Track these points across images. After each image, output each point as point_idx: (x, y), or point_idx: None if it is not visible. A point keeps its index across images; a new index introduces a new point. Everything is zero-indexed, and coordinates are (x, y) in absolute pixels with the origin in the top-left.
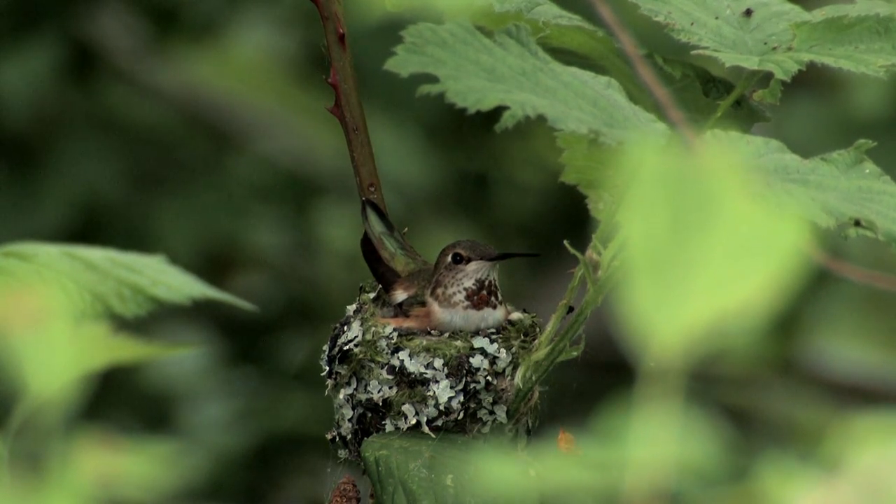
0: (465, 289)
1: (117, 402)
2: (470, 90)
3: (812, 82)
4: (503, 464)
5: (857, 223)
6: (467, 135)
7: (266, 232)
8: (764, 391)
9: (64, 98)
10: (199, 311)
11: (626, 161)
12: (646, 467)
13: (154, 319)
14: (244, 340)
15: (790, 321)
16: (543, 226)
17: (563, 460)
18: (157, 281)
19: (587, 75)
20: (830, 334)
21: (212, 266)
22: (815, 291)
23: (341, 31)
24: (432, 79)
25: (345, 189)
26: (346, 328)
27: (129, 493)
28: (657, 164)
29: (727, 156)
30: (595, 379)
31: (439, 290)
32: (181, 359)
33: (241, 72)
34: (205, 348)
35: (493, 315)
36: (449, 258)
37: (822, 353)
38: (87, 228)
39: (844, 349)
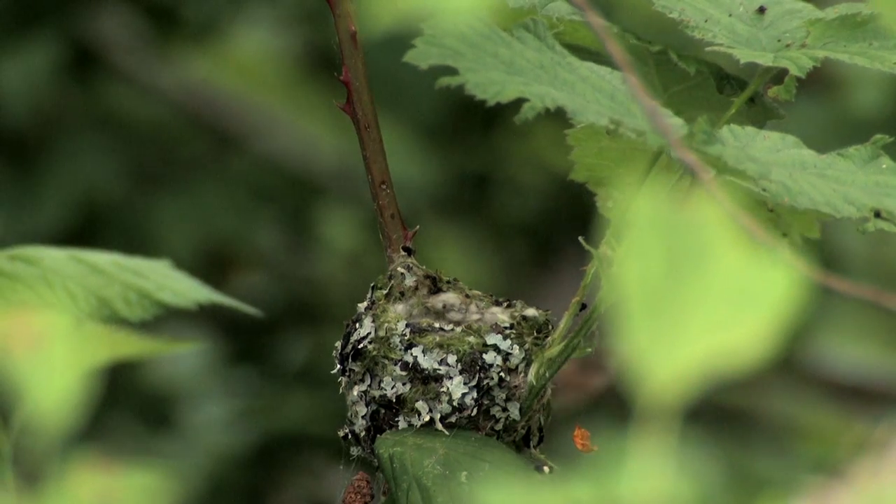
0: None
1: (117, 402)
2: (490, 82)
3: (812, 83)
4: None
5: (878, 214)
6: (468, 135)
7: (266, 232)
8: (764, 391)
9: (64, 97)
10: (200, 311)
11: (641, 158)
12: None
13: (155, 319)
14: (244, 340)
15: (792, 326)
16: (544, 226)
17: (565, 478)
18: (162, 285)
19: (604, 70)
20: (832, 334)
21: (212, 265)
22: (817, 295)
23: (353, 28)
24: (451, 71)
25: (346, 189)
26: (358, 325)
27: None
28: (652, 206)
29: (722, 202)
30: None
31: None
32: (181, 359)
33: (242, 71)
34: (205, 347)
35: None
36: None
37: (823, 352)
38: (88, 227)
39: (846, 349)
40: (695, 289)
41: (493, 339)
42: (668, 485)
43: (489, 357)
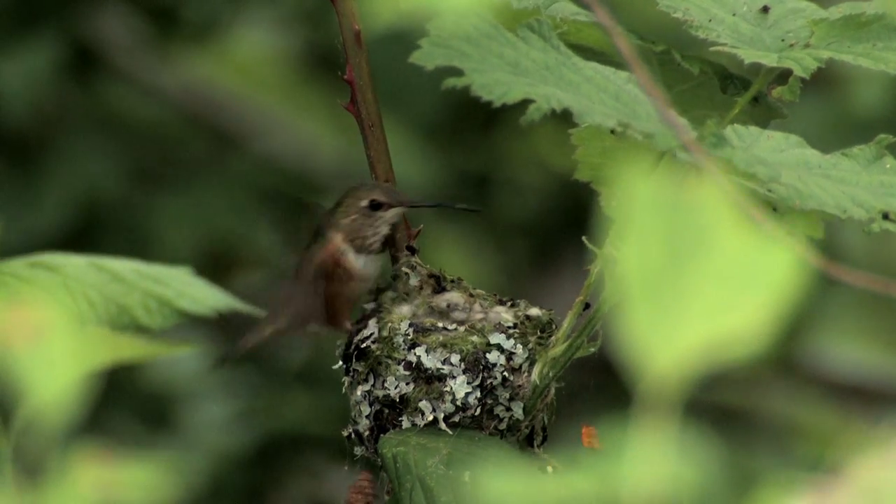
0: (383, 236)
1: (117, 402)
2: (496, 83)
3: (815, 80)
4: (514, 478)
5: (886, 216)
6: (468, 135)
7: (266, 231)
8: (764, 391)
9: (64, 97)
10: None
11: (646, 157)
12: (643, 490)
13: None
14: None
15: (792, 324)
16: (544, 226)
17: (567, 470)
18: (182, 293)
19: (609, 70)
20: (832, 334)
21: (212, 265)
22: (817, 293)
23: (357, 27)
24: (456, 72)
25: (346, 189)
26: (362, 325)
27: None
28: (653, 190)
29: (722, 184)
30: (610, 377)
31: (358, 241)
32: (181, 359)
33: (242, 71)
34: (205, 348)
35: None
36: (365, 204)
37: (823, 352)
38: (88, 227)
39: (846, 349)
40: (696, 272)
41: (496, 338)
42: (671, 469)
43: (492, 356)
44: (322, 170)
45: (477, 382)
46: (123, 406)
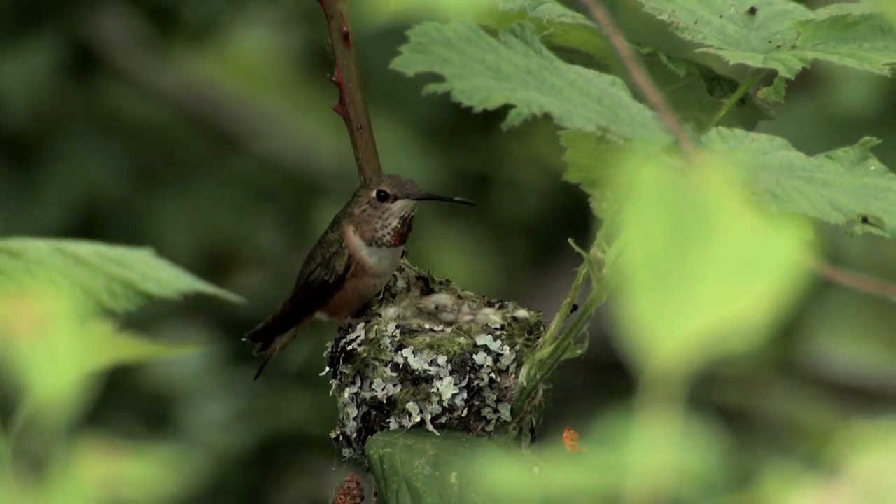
0: (392, 229)
1: (118, 402)
2: (476, 89)
3: (801, 80)
4: (507, 466)
5: (865, 220)
6: (468, 135)
7: (266, 232)
8: (764, 391)
9: (64, 97)
10: (200, 311)
11: (630, 159)
12: (646, 475)
13: (154, 319)
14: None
15: (791, 322)
16: (544, 226)
17: (566, 461)
18: (147, 276)
19: (592, 74)
20: (832, 334)
21: (212, 265)
22: (816, 293)
23: (346, 29)
24: (438, 78)
25: (346, 189)
26: (349, 328)
27: (132, 498)
28: (656, 176)
29: (726, 169)
30: (600, 378)
31: (368, 232)
32: (181, 359)
33: (242, 71)
34: (205, 348)
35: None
36: (373, 195)
37: (823, 353)
38: (88, 226)
39: (846, 349)
40: (700, 258)
41: (483, 339)
42: (676, 455)
43: (479, 358)
44: (322, 170)
45: (464, 384)
46: (124, 405)
